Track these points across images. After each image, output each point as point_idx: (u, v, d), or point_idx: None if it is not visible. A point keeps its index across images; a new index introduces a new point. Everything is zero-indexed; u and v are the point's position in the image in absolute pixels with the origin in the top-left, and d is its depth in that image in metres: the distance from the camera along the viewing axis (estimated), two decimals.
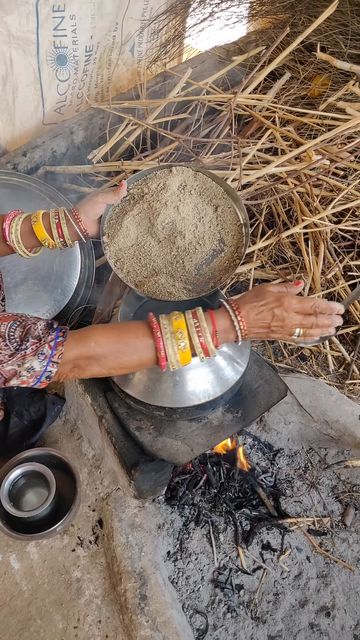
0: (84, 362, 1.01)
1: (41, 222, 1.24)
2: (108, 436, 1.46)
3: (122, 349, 1.00)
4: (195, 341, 0.99)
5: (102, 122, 2.18)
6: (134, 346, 1.00)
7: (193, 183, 1.36)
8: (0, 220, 1.25)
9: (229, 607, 1.50)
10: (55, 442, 1.73)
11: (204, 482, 1.67)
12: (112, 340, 1.01)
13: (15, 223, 1.24)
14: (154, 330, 1.00)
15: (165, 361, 1.00)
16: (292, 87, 2.21)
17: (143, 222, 1.32)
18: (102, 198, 1.28)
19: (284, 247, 2.07)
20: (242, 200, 1.34)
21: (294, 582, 1.55)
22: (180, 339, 0.99)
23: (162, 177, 1.36)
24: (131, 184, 1.38)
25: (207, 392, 1.34)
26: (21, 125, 2.18)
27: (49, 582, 1.50)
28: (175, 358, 1.00)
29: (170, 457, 1.36)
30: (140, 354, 1.01)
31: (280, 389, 1.52)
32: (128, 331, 1.02)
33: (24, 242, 1.26)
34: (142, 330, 1.01)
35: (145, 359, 1.01)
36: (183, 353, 1.00)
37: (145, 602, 1.40)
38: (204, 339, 1.00)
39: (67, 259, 1.92)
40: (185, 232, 1.29)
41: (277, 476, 1.74)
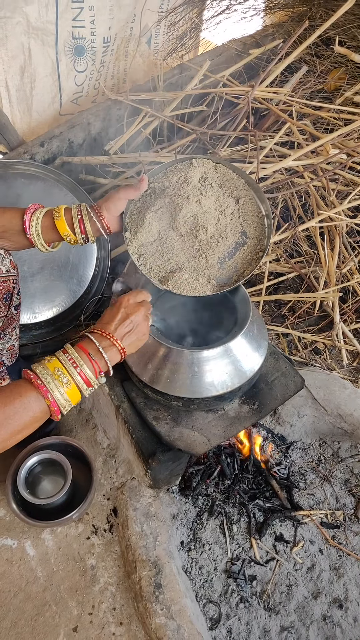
0: None
1: (63, 217, 1.22)
2: (125, 425, 1.47)
3: (11, 412, 0.94)
4: (74, 374, 1.01)
5: (119, 114, 2.18)
6: (22, 405, 0.95)
7: (214, 175, 1.35)
8: (20, 214, 1.23)
9: (241, 598, 1.51)
10: (70, 431, 1.75)
11: (218, 473, 1.68)
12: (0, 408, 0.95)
13: (36, 217, 1.23)
14: (33, 380, 0.98)
15: (56, 406, 0.98)
16: (309, 81, 2.20)
17: (165, 217, 1.31)
18: (124, 194, 1.27)
19: (299, 240, 2.07)
20: (262, 192, 1.34)
21: (306, 574, 1.56)
22: (60, 377, 0.99)
23: (183, 170, 1.35)
24: (152, 178, 1.37)
25: (225, 384, 1.35)
26: (38, 116, 2.18)
27: (64, 569, 1.51)
28: (65, 398, 0.99)
29: (187, 447, 1.37)
30: (31, 410, 0.96)
31: (297, 381, 1.52)
32: (10, 393, 0.97)
33: (44, 236, 1.24)
34: (23, 387, 0.98)
35: (38, 412, 0.97)
36: (70, 390, 1.00)
37: (160, 590, 1.41)
38: (81, 369, 1.02)
39: (83, 250, 1.93)
40: (208, 225, 1.29)
41: (290, 469, 1.74)
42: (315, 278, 2.01)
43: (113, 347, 1.10)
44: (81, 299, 1.94)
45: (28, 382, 0.99)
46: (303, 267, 2.06)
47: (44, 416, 0.99)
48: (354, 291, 2.04)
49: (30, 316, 1.87)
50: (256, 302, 1.99)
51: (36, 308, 1.88)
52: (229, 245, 1.29)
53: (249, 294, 1.99)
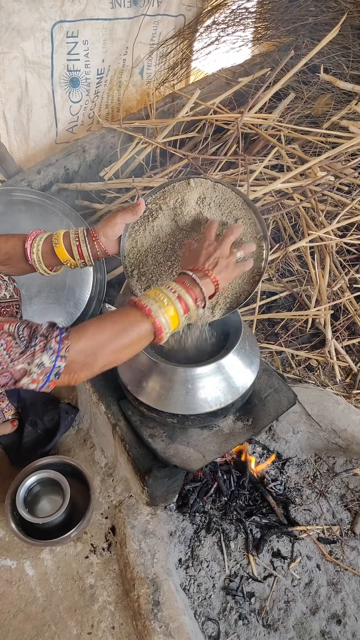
0: (91, 356, 1.04)
1: (62, 243, 1.25)
2: (122, 443, 1.50)
3: (119, 328, 1.06)
4: (172, 298, 1.09)
5: (113, 141, 2.26)
6: (129, 321, 1.07)
7: (212, 195, 1.34)
8: (22, 240, 1.27)
9: (240, 615, 1.51)
10: (69, 450, 1.77)
11: (215, 490, 1.69)
12: (109, 323, 1.07)
13: (37, 243, 1.25)
14: (137, 303, 1.08)
15: (159, 324, 1.07)
16: (297, 107, 2.29)
17: (162, 239, 1.34)
18: (121, 218, 1.27)
19: (290, 260, 2.12)
20: (260, 212, 1.33)
21: (304, 589, 1.56)
22: (160, 299, 1.08)
23: (180, 191, 1.34)
24: (149, 199, 1.36)
25: (218, 400, 1.38)
26: (35, 145, 2.26)
27: (62, 589, 1.52)
28: (165, 319, 1.07)
29: (182, 463, 1.40)
30: (137, 327, 1.07)
31: (289, 397, 1.56)
32: (118, 313, 1.10)
33: (45, 261, 1.27)
34: (129, 308, 1.09)
35: (143, 330, 1.07)
36: (170, 312, 1.08)
37: (158, 607, 1.42)
38: (179, 294, 1.10)
39: (79, 273, 1.98)
40: None
41: (286, 484, 1.76)
42: (307, 296, 2.06)
43: (205, 277, 1.14)
44: (78, 321, 1.98)
45: (133, 305, 1.08)
46: (295, 286, 2.11)
47: (148, 335, 1.08)
48: (345, 308, 2.09)
49: None
50: (250, 320, 2.04)
51: None
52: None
53: (243, 313, 2.04)
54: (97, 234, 1.28)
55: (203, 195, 1.35)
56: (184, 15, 2.54)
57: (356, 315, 2.06)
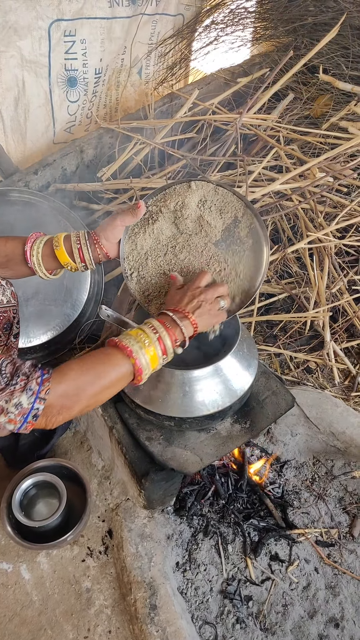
0: (71, 399, 1.03)
1: (63, 246, 1.23)
2: (119, 446, 1.49)
3: (100, 370, 1.06)
4: (153, 339, 1.11)
5: (111, 141, 2.24)
6: (110, 363, 1.07)
7: (213, 198, 1.33)
8: (22, 243, 1.25)
9: (238, 618, 1.50)
10: (65, 453, 1.76)
11: (212, 493, 1.68)
12: (89, 366, 1.07)
13: (37, 246, 1.24)
14: (118, 343, 1.09)
15: (139, 365, 1.08)
16: (296, 107, 2.28)
17: (164, 242, 1.34)
18: (121, 221, 1.26)
19: (289, 262, 2.11)
20: (261, 217, 1.32)
21: (302, 593, 1.55)
22: (142, 340, 1.10)
23: (181, 194, 1.33)
24: (149, 201, 1.35)
25: (216, 403, 1.37)
26: (32, 145, 2.25)
27: (59, 593, 1.51)
28: (146, 360, 1.09)
29: (179, 466, 1.39)
30: (117, 367, 1.08)
31: (288, 400, 1.55)
32: (98, 354, 1.09)
33: (45, 264, 1.26)
34: (110, 349, 1.10)
35: (124, 370, 1.08)
36: (150, 353, 1.10)
37: (155, 612, 1.41)
38: (160, 335, 1.11)
39: (77, 275, 1.97)
40: (205, 250, 1.32)
41: (284, 487, 1.75)
42: (305, 298, 2.05)
43: (185, 319, 1.16)
44: (75, 323, 1.97)
45: (114, 346, 1.09)
46: (293, 287, 2.10)
47: (127, 376, 1.10)
48: (344, 310, 2.08)
49: (25, 340, 1.89)
50: (248, 322, 2.03)
51: (31, 332, 1.90)
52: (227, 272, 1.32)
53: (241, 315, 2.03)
54: (98, 236, 1.27)
55: (204, 198, 1.35)
56: (183, 15, 2.53)
57: (355, 317, 2.05)
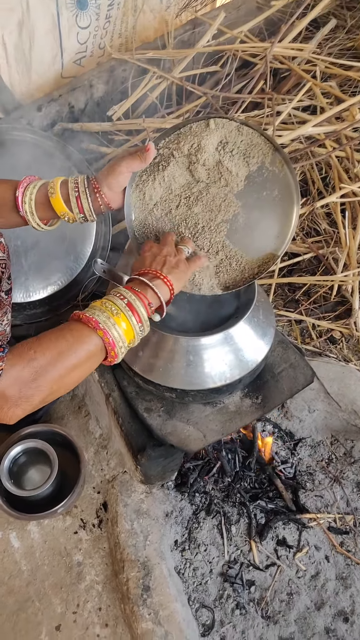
0: (30, 384, 0.84)
1: (59, 193, 1.07)
2: (115, 416, 1.35)
3: (64, 346, 0.88)
4: (121, 306, 0.92)
5: (125, 75, 2.00)
6: (74, 338, 0.89)
7: (236, 140, 1.13)
8: (13, 188, 1.09)
9: (238, 604, 1.40)
10: (62, 418, 1.64)
11: (218, 470, 1.55)
12: (51, 342, 0.88)
13: (30, 192, 1.07)
14: (81, 316, 0.91)
15: (110, 338, 0.90)
16: (337, 37, 1.98)
17: (176, 192, 1.16)
18: (127, 167, 1.09)
19: (317, 217, 1.88)
20: (292, 165, 1.12)
21: (310, 582, 1.43)
22: (108, 308, 0.92)
23: (197, 135, 1.13)
24: (160, 143, 1.17)
25: (223, 375, 1.21)
26: (38, 78, 2.02)
27: (49, 564, 1.42)
28: (117, 332, 0.91)
29: (180, 443, 1.25)
30: (85, 343, 0.89)
31: (307, 374, 1.37)
32: (59, 330, 0.91)
33: (38, 213, 1.10)
34: (73, 323, 0.92)
35: (92, 346, 0.90)
36: (121, 323, 0.92)
37: (148, 593, 1.31)
38: (128, 300, 0.93)
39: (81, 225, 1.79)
40: (222, 205, 1.14)
41: (297, 467, 1.61)
42: (334, 260, 1.83)
43: (156, 279, 1.00)
44: (79, 277, 1.81)
45: (77, 320, 0.92)
46: (321, 247, 1.88)
47: (99, 353, 0.92)
48: None
49: (23, 295, 1.75)
50: (267, 285, 1.83)
51: (30, 286, 1.75)
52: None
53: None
54: (99, 184, 1.09)
55: (225, 140, 1.14)
56: None
57: None
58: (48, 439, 1.45)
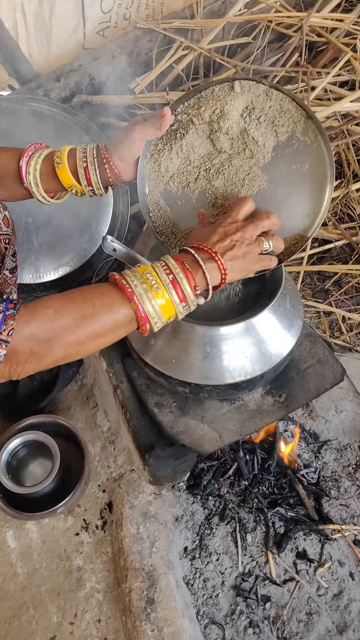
0: (44, 344, 0.78)
1: (66, 163, 0.97)
2: (122, 410, 1.23)
3: (89, 311, 0.80)
4: (165, 281, 0.82)
5: (149, 46, 1.87)
6: (103, 304, 0.81)
7: (264, 105, 1.01)
8: (17, 156, 0.99)
9: (251, 621, 1.27)
10: (68, 409, 1.53)
11: (234, 472, 1.43)
12: (76, 304, 0.80)
13: (35, 161, 0.98)
14: (118, 281, 0.82)
15: (143, 313, 0.80)
16: None
17: (195, 164, 1.04)
18: (140, 134, 0.97)
19: (352, 202, 1.73)
20: (326, 134, 0.98)
21: (332, 601, 1.30)
22: (148, 280, 0.82)
23: (220, 99, 1.01)
24: (179, 108, 1.04)
25: (244, 370, 1.08)
26: (58, 48, 1.91)
27: (46, 567, 1.32)
28: (153, 307, 0.81)
29: (193, 443, 1.12)
30: (113, 312, 0.81)
31: (336, 372, 1.23)
32: (90, 290, 0.83)
33: (44, 185, 1.00)
34: (105, 287, 0.83)
35: (121, 316, 0.81)
36: (161, 299, 0.82)
37: (153, 607, 1.19)
38: (175, 277, 0.83)
39: (96, 203, 1.67)
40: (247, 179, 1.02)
41: (321, 472, 1.47)
42: None
43: (212, 261, 0.88)
44: (93, 259, 1.69)
45: (112, 283, 0.83)
46: (355, 234, 1.73)
47: (129, 324, 0.84)
48: None
49: (33, 275, 1.64)
50: (295, 272, 1.69)
51: (41, 267, 1.65)
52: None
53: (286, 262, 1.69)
54: (109, 153, 0.98)
55: (251, 106, 1.01)
56: None
57: None
58: (51, 431, 1.35)
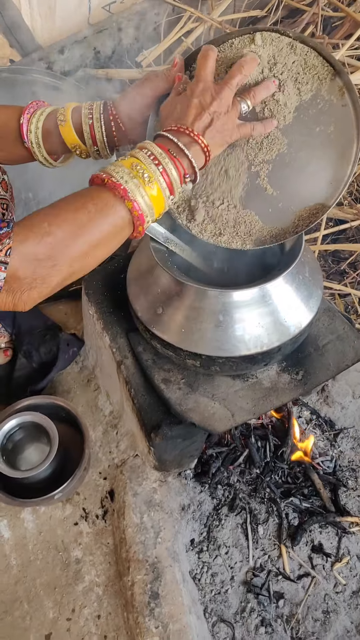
0: (46, 262, 0.70)
1: (70, 121, 0.89)
2: (126, 387, 1.14)
3: (85, 218, 0.72)
4: (155, 172, 0.76)
5: (157, 20, 1.81)
6: (97, 209, 0.73)
7: (286, 60, 0.91)
8: (17, 114, 0.91)
9: (263, 620, 1.17)
10: (68, 391, 1.44)
11: (245, 459, 1.33)
12: (69, 212, 0.72)
13: (37, 118, 0.90)
14: (106, 180, 0.73)
15: (139, 210, 0.74)
16: None
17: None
18: (150, 88, 0.90)
19: None
20: (356, 92, 0.90)
21: (351, 599, 1.20)
22: (139, 173, 0.74)
23: (239, 53, 0.91)
24: (194, 63, 0.93)
25: (259, 340, 0.99)
26: (62, 23, 1.84)
27: (42, 559, 1.22)
28: (146, 202, 0.75)
29: (203, 421, 1.03)
30: (109, 215, 0.74)
31: (357, 348, 1.14)
32: (79, 197, 0.74)
33: (46, 145, 0.92)
34: (95, 190, 0.75)
35: (119, 218, 0.74)
36: (152, 192, 0.76)
37: (157, 602, 1.09)
38: (164, 167, 0.77)
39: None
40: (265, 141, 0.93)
41: (337, 462, 1.38)
42: None
43: (195, 144, 0.81)
44: None
45: (101, 185, 0.75)
46: None
47: (125, 226, 0.77)
48: None
49: None
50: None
51: None
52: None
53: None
54: (117, 111, 0.90)
55: (273, 60, 0.91)
56: None
57: None
58: (50, 414, 1.25)
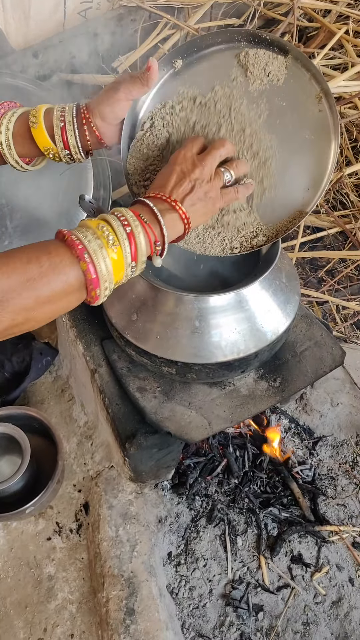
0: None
1: (42, 122, 0.87)
2: (101, 396, 1.11)
3: (36, 272, 0.66)
4: (121, 235, 0.71)
5: (134, 26, 1.80)
6: (51, 265, 0.67)
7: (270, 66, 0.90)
8: None
9: (242, 634, 1.14)
10: (42, 402, 1.40)
11: (223, 469, 1.31)
12: (20, 263, 0.66)
13: (7, 120, 0.88)
14: (67, 237, 0.69)
15: (95, 274, 0.68)
16: None
17: (190, 126, 0.94)
18: (125, 92, 0.88)
19: (345, 188, 1.66)
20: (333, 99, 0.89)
21: (330, 610, 1.18)
22: (104, 234, 0.69)
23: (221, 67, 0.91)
24: (178, 57, 0.94)
25: (236, 346, 0.97)
26: (37, 27, 1.82)
27: (13, 577, 1.17)
28: (107, 266, 0.69)
29: (179, 430, 1.00)
30: (62, 274, 0.67)
31: (335, 355, 1.14)
32: (35, 250, 0.69)
33: (17, 148, 0.89)
34: (53, 244, 0.69)
35: (73, 279, 0.68)
36: (115, 256, 0.70)
37: (132, 618, 1.06)
38: (132, 230, 0.72)
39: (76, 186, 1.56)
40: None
41: (316, 470, 1.36)
42: None
43: (172, 212, 0.78)
44: None
45: (61, 240, 0.70)
46: (348, 222, 1.66)
47: (80, 288, 0.71)
48: None
49: None
50: None
51: None
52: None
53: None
54: (90, 113, 0.88)
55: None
56: None
57: None
58: (22, 425, 1.21)
